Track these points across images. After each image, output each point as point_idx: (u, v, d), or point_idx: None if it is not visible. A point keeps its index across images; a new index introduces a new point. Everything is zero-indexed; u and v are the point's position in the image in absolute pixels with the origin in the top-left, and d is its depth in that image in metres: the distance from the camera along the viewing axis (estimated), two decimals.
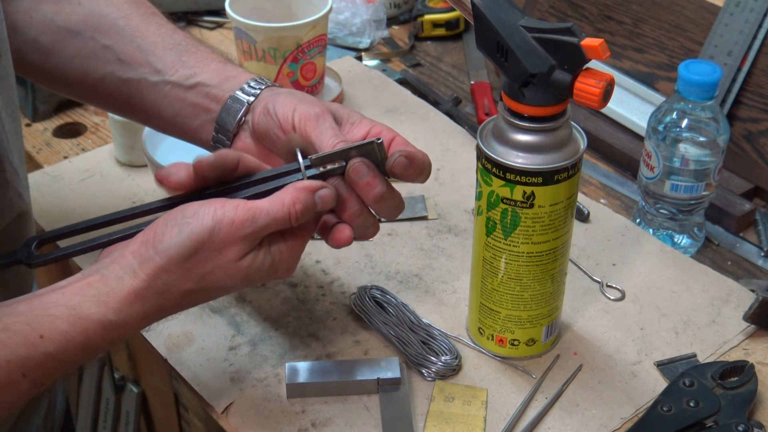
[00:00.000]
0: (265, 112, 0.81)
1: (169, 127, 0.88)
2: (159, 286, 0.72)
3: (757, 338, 0.93)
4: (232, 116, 0.83)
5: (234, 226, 0.72)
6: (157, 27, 0.88)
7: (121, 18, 0.87)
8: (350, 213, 0.78)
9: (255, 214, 0.72)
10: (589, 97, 0.74)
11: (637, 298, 0.98)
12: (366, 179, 0.76)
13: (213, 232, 0.72)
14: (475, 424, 0.84)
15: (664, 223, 1.05)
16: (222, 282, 0.73)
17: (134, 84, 0.86)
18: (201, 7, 1.47)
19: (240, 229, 0.72)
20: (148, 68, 0.85)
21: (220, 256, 0.72)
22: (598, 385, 0.89)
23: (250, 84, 0.84)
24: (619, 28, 1.24)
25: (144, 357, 1.09)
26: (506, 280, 0.86)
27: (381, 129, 0.81)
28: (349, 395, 0.87)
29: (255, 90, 0.84)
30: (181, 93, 0.85)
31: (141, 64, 0.86)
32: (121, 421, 1.23)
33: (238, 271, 0.73)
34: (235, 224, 0.72)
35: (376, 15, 1.42)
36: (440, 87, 1.33)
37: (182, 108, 0.85)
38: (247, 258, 0.73)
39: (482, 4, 0.76)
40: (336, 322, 0.95)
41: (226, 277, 0.73)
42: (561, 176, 0.80)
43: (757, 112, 1.11)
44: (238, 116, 0.83)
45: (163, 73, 0.85)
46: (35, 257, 0.77)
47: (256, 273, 0.74)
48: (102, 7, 0.88)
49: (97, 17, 0.87)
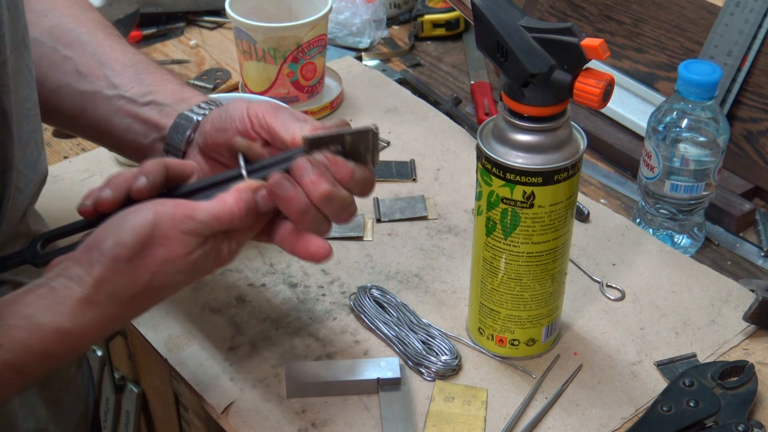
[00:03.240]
0: (217, 119, 0.80)
1: (120, 144, 0.87)
2: (108, 290, 0.70)
3: (757, 338, 0.93)
4: (181, 134, 0.82)
5: (174, 220, 0.71)
6: (119, 45, 0.88)
7: (86, 33, 0.87)
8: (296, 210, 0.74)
9: (194, 209, 0.72)
10: (589, 97, 0.74)
11: (637, 298, 0.98)
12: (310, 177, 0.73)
13: (154, 225, 0.70)
14: (475, 424, 0.84)
15: (664, 223, 1.05)
16: (171, 278, 0.72)
17: (89, 96, 0.86)
18: (201, 7, 1.47)
19: (181, 223, 0.71)
20: (104, 82, 0.85)
21: (167, 251, 0.71)
22: (598, 385, 0.89)
23: (201, 105, 0.84)
24: (619, 28, 1.24)
25: (144, 357, 1.09)
26: (506, 280, 0.86)
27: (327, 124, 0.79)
28: (349, 395, 0.87)
29: (204, 110, 0.83)
30: (134, 109, 0.85)
31: (98, 77, 0.85)
32: (121, 421, 1.23)
33: (186, 265, 0.72)
34: (175, 219, 0.71)
35: (376, 15, 1.42)
36: (440, 87, 1.33)
37: (133, 124, 0.85)
38: (195, 254, 0.72)
39: (482, 4, 0.76)
40: (336, 322, 0.95)
41: (174, 272, 0.72)
42: (561, 176, 0.80)
43: (757, 112, 1.11)
44: (186, 133, 0.82)
45: (119, 87, 0.85)
46: (41, 256, 0.77)
47: (201, 265, 0.73)
48: (68, 21, 0.88)
49: (63, 30, 0.87)
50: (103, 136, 0.88)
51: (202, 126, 0.81)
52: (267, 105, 0.79)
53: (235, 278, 1.00)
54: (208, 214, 0.72)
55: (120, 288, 0.71)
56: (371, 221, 1.07)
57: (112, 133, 0.86)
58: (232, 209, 0.72)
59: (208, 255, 0.73)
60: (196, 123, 0.82)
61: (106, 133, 0.87)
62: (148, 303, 0.74)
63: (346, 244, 1.04)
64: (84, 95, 0.86)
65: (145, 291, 0.72)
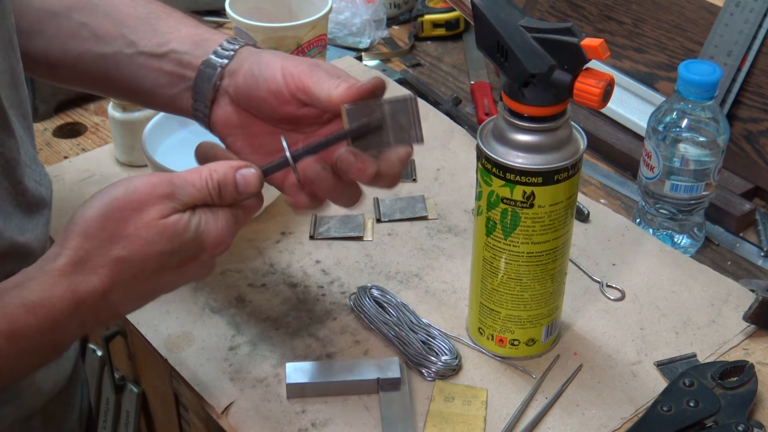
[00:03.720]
0: (249, 76, 0.78)
1: (151, 99, 0.86)
2: (81, 255, 0.68)
3: (757, 338, 0.93)
4: (207, 82, 0.81)
5: (150, 184, 0.70)
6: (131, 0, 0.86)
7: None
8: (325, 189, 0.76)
9: (171, 176, 0.71)
10: (589, 97, 0.74)
11: (637, 298, 0.98)
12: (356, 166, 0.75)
13: (128, 190, 0.69)
14: (475, 424, 0.84)
15: (664, 223, 1.05)
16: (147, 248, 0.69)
17: (110, 58, 0.84)
18: (201, 7, 1.47)
19: (156, 187, 0.70)
20: (122, 41, 0.84)
21: (141, 215, 0.69)
22: (598, 385, 0.89)
23: (223, 45, 0.82)
24: (619, 28, 1.24)
25: (144, 357, 1.09)
26: (506, 280, 0.86)
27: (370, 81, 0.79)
28: (349, 395, 0.87)
29: (228, 51, 0.81)
30: (156, 63, 0.83)
31: (115, 38, 0.84)
32: (121, 421, 1.23)
33: (164, 230, 0.69)
34: (151, 182, 0.70)
35: (376, 15, 1.42)
36: (440, 87, 1.33)
37: (158, 78, 0.83)
38: (171, 218, 0.70)
39: (482, 4, 0.76)
40: (336, 322, 0.95)
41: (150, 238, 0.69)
42: (561, 176, 0.80)
43: (757, 112, 1.11)
44: (212, 81, 0.80)
45: (137, 44, 0.83)
46: None
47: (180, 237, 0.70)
48: None
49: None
50: (134, 95, 0.86)
51: (235, 77, 0.80)
52: (303, 64, 0.77)
53: (235, 278, 1.00)
54: (183, 179, 0.71)
55: (93, 254, 0.68)
56: (371, 221, 1.07)
57: (141, 90, 0.85)
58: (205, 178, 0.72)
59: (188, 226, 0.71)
60: (221, 71, 0.80)
61: (136, 91, 0.85)
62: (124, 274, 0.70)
63: (346, 244, 1.04)
64: (105, 58, 0.85)
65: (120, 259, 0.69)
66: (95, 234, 0.68)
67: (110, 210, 0.69)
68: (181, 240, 0.70)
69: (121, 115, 1.13)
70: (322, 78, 0.76)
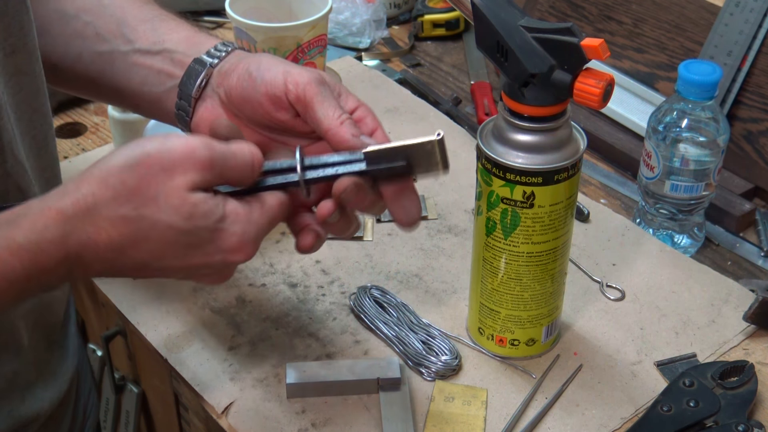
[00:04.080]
0: (245, 77, 0.75)
1: (137, 98, 0.84)
2: (89, 202, 0.63)
3: (757, 338, 0.93)
4: (194, 79, 0.78)
5: (189, 146, 0.64)
6: (141, 4, 0.85)
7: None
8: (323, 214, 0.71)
9: (212, 142, 0.66)
10: (589, 97, 0.74)
11: (637, 298, 0.98)
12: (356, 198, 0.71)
13: (163, 147, 0.64)
14: (475, 424, 0.84)
15: (664, 223, 1.05)
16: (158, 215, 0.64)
17: (107, 56, 0.83)
18: (201, 7, 1.47)
19: (195, 151, 0.64)
20: (121, 39, 0.83)
21: (168, 179, 0.63)
22: (598, 385, 0.89)
23: (217, 47, 0.79)
24: (619, 28, 1.24)
25: (144, 357, 1.09)
26: (506, 280, 0.86)
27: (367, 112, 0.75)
28: (349, 395, 0.87)
29: (220, 52, 0.79)
30: (148, 60, 0.81)
31: (115, 36, 0.83)
32: (121, 421, 1.23)
33: (183, 203, 0.64)
34: (190, 145, 0.64)
35: (376, 15, 1.42)
36: (440, 87, 1.33)
37: (147, 76, 0.82)
38: (198, 194, 0.64)
39: (482, 4, 0.76)
40: (336, 322, 0.95)
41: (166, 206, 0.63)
42: (561, 176, 0.80)
43: (757, 112, 1.11)
44: (199, 78, 0.78)
45: (134, 42, 0.82)
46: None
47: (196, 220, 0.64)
48: None
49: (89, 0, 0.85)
50: (121, 95, 0.84)
51: (228, 78, 0.76)
52: (309, 76, 0.73)
53: (235, 278, 1.00)
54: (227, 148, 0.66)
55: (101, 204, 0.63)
56: (371, 221, 1.07)
57: (129, 88, 0.83)
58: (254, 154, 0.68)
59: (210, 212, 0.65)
60: (209, 69, 0.78)
61: (124, 90, 0.83)
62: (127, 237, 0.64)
63: (346, 244, 1.04)
64: (102, 56, 0.83)
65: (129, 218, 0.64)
66: (113, 185, 0.64)
67: (138, 164, 0.64)
68: (196, 224, 0.65)
69: (121, 115, 1.13)
70: (328, 103, 0.72)
